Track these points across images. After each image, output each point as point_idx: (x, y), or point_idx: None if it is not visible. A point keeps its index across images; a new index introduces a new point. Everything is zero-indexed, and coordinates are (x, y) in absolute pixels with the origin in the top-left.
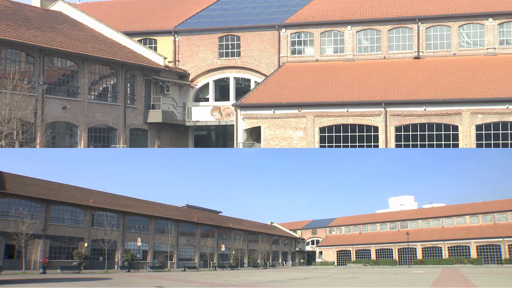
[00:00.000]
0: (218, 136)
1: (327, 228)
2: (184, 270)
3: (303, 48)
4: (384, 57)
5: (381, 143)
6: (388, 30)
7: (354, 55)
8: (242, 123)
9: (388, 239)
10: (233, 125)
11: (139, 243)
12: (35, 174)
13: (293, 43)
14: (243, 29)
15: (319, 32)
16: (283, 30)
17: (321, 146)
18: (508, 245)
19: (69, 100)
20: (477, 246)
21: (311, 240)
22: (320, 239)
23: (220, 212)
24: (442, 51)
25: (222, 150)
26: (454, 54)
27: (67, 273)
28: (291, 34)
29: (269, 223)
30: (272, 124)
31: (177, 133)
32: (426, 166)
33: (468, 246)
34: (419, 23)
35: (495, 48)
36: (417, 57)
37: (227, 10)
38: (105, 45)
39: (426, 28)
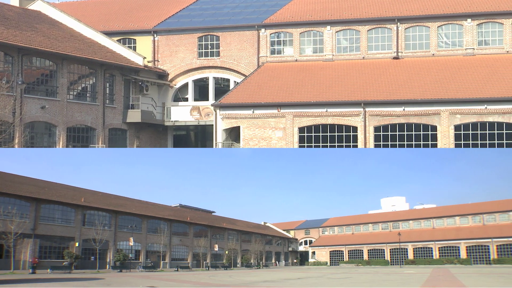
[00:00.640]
0: (197, 136)
1: (320, 229)
2: (177, 270)
3: (283, 48)
4: (363, 57)
5: (360, 143)
6: (367, 31)
7: (333, 55)
8: (221, 123)
9: (380, 239)
10: (212, 125)
11: (131, 243)
12: (29, 174)
13: (272, 43)
14: (222, 29)
15: (298, 32)
16: (263, 30)
17: (300, 146)
18: (497, 245)
19: (47, 100)
20: (466, 247)
21: (304, 240)
22: (313, 239)
23: (213, 212)
24: (421, 51)
25: (216, 150)
26: (433, 54)
27: (58, 273)
28: (270, 34)
29: (262, 223)
30: (251, 124)
31: (156, 133)
32: (418, 167)
33: (458, 247)
34: (398, 23)
35: (473, 49)
36: (396, 58)
37: (206, 10)
38: (84, 45)
39: (405, 29)
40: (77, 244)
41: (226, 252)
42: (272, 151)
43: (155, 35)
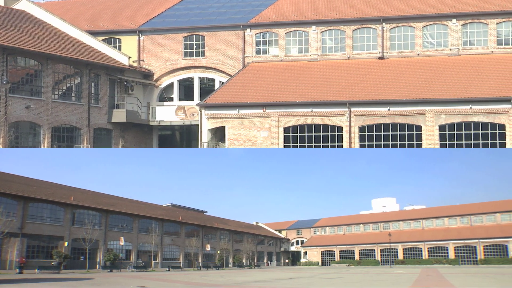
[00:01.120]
0: (183, 136)
1: (311, 229)
2: (169, 270)
3: (268, 48)
4: (349, 57)
5: (345, 143)
6: (353, 31)
7: (318, 55)
8: (206, 123)
9: (371, 240)
10: (198, 125)
11: (122, 243)
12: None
13: (257, 43)
14: (207, 29)
15: (283, 32)
16: (248, 30)
17: (285, 146)
18: (483, 246)
19: (32, 100)
20: (454, 247)
21: (296, 241)
22: (304, 240)
23: (205, 211)
24: (406, 51)
25: (208, 150)
26: (418, 54)
27: (46, 273)
28: (255, 34)
29: (254, 223)
30: (236, 124)
31: (141, 133)
32: (409, 167)
33: (447, 247)
34: (383, 23)
35: (458, 49)
36: (381, 58)
37: (191, 10)
38: (69, 44)
39: (390, 29)
40: (66, 244)
41: (218, 252)
42: (264, 151)
43: (140, 34)
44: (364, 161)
